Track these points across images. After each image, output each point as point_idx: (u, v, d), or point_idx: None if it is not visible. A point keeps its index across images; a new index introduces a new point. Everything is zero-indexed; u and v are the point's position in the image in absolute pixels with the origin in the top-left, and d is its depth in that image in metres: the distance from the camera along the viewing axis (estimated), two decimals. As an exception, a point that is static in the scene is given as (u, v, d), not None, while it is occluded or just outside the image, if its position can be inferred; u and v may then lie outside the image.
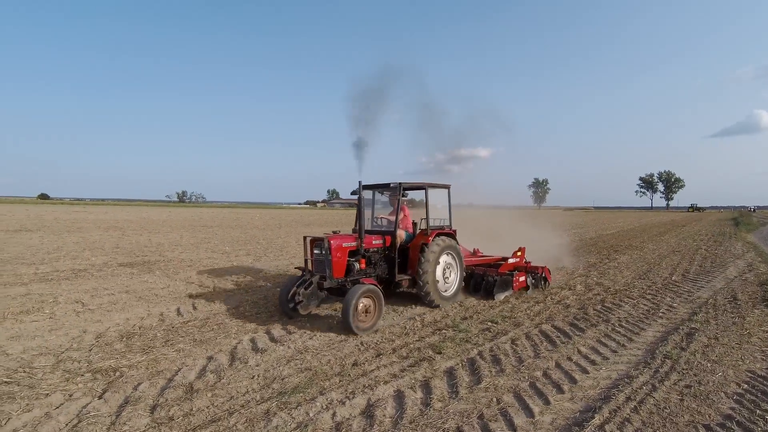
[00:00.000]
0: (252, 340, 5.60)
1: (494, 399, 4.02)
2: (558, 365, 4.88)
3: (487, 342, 5.65)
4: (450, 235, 7.89)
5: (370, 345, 5.48)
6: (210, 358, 4.95)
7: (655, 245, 18.63)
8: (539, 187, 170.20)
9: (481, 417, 3.69)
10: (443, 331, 6.11)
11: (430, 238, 7.32)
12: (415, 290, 7.48)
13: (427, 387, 4.29)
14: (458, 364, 4.88)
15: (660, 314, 7.13)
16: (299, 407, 3.78)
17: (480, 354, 5.21)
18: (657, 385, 4.31)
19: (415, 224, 7.96)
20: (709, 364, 4.88)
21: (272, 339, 5.68)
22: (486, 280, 8.39)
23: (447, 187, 8.22)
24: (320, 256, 6.63)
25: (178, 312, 6.96)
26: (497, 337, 5.84)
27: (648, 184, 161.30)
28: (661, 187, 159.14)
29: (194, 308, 7.22)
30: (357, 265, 6.74)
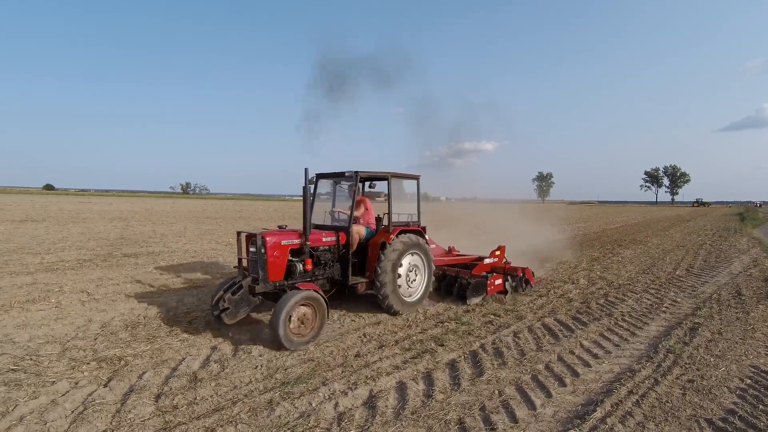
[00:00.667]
0: (255, 330, 5.64)
1: (496, 391, 4.04)
2: (560, 358, 4.89)
3: (490, 335, 5.66)
4: (417, 233, 6.95)
5: (372, 337, 5.50)
6: (214, 348, 4.99)
7: (659, 240, 18.54)
8: (543, 180, 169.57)
9: (482, 409, 3.71)
10: (445, 323, 6.12)
11: (392, 236, 6.39)
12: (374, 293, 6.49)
13: (429, 379, 4.31)
14: (460, 356, 4.90)
15: (663, 309, 7.11)
16: (302, 397, 3.81)
17: (482, 347, 5.22)
18: (659, 379, 4.31)
19: (379, 219, 7.03)
20: (712, 359, 4.87)
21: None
22: (459, 282, 7.51)
23: (416, 177, 7.31)
24: (255, 256, 5.61)
25: (182, 302, 7.00)
26: (499, 330, 5.85)
27: (653, 178, 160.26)
28: (666, 181, 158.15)
29: (198, 298, 7.26)
30: (300, 267, 5.74)
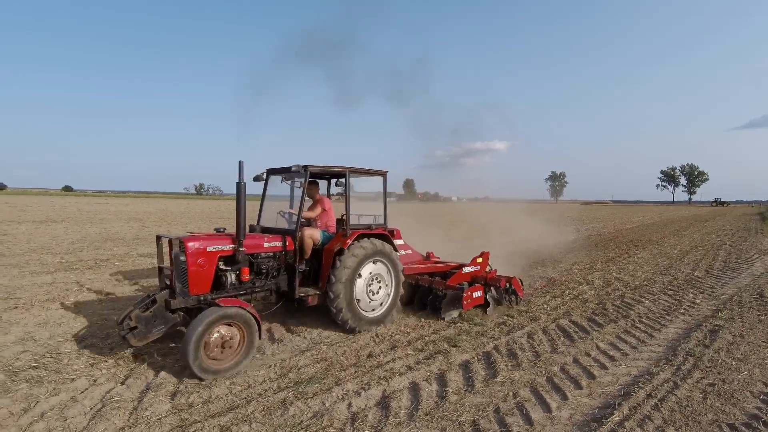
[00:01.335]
0: (268, 330, 5.67)
1: (510, 393, 3.99)
2: (576, 360, 4.82)
3: (503, 336, 5.60)
4: (383, 237, 6.05)
5: (385, 337, 5.49)
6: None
7: (676, 240, 18.16)
8: (556, 180, 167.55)
9: (497, 411, 3.67)
10: (458, 324, 6.08)
11: (349, 241, 5.55)
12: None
13: (442, 380, 4.28)
14: (474, 357, 4.86)
15: (682, 311, 6.95)
16: (315, 397, 3.82)
17: (496, 348, 5.17)
18: (679, 382, 4.21)
19: (342, 221, 6.20)
20: (734, 362, 4.74)
21: (288, 330, 5.75)
22: (434, 294, 6.68)
23: (382, 174, 6.35)
24: (179, 264, 4.71)
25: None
26: (513, 332, 5.78)
27: (670, 177, 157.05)
28: (683, 180, 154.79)
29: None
30: (231, 277, 4.91)
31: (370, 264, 5.82)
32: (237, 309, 4.39)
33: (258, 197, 6.29)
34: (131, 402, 3.70)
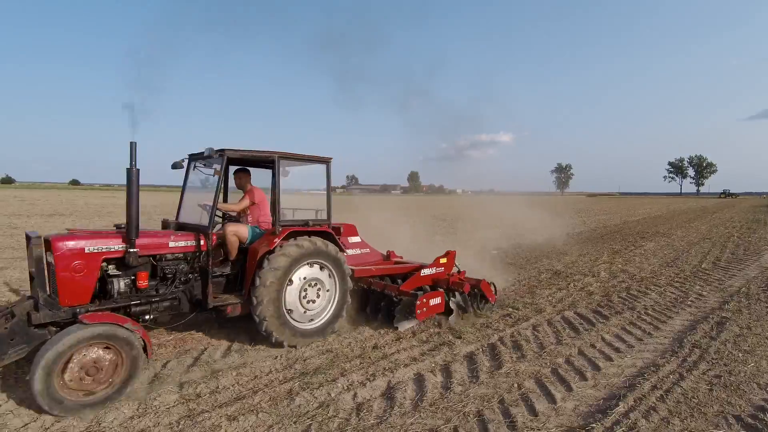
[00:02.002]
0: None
1: (515, 384, 4.00)
2: (581, 352, 4.81)
3: (508, 328, 5.61)
4: (325, 236, 5.24)
5: (390, 329, 5.52)
6: (234, 338, 5.08)
7: (684, 232, 18.01)
8: (562, 172, 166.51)
9: (501, 402, 3.69)
10: (464, 316, 6.09)
11: (277, 240, 4.75)
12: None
13: (447, 371, 4.30)
14: (478, 349, 4.87)
15: (688, 303, 6.91)
16: (321, 388, 3.86)
17: (501, 339, 5.18)
18: (685, 374, 4.20)
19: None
20: (740, 354, 4.72)
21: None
22: (387, 300, 5.77)
23: (325, 161, 5.49)
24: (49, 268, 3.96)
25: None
26: (518, 323, 5.79)
27: (677, 169, 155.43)
28: (691, 172, 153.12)
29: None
30: (119, 284, 4.08)
31: (305, 267, 4.97)
32: (109, 327, 3.52)
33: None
34: (140, 392, 3.75)
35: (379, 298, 5.90)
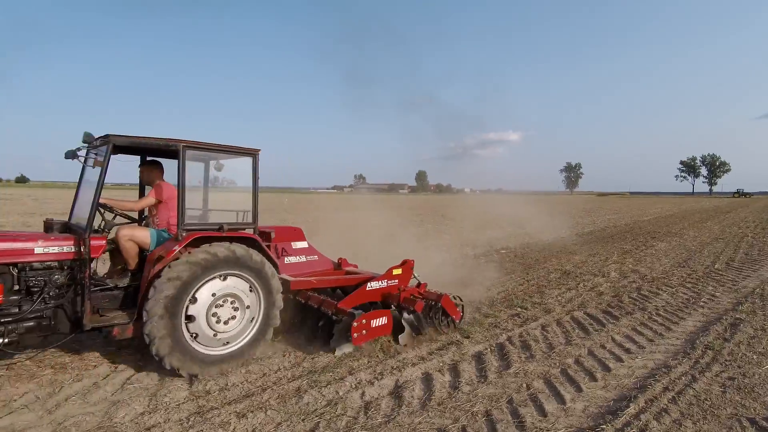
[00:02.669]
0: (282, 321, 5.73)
1: (524, 384, 3.98)
2: (591, 353, 4.77)
3: (517, 327, 5.57)
4: (247, 242, 4.43)
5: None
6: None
7: (696, 232, 17.74)
8: (571, 171, 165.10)
9: (510, 402, 3.67)
10: (471, 315, 6.06)
11: (177, 248, 3.97)
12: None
13: (455, 370, 4.29)
14: (487, 348, 4.85)
15: (701, 303, 6.81)
16: (329, 386, 3.87)
17: (509, 339, 5.15)
18: (697, 376, 4.14)
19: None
20: (755, 356, 4.63)
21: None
22: (326, 318, 4.91)
23: (251, 153, 4.71)
24: None
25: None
26: (527, 323, 5.75)
27: (690, 168, 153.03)
28: (704, 171, 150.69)
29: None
30: None
31: (216, 281, 4.13)
32: None
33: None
34: (150, 388, 3.80)
35: (319, 315, 5.03)
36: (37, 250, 3.72)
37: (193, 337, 4.02)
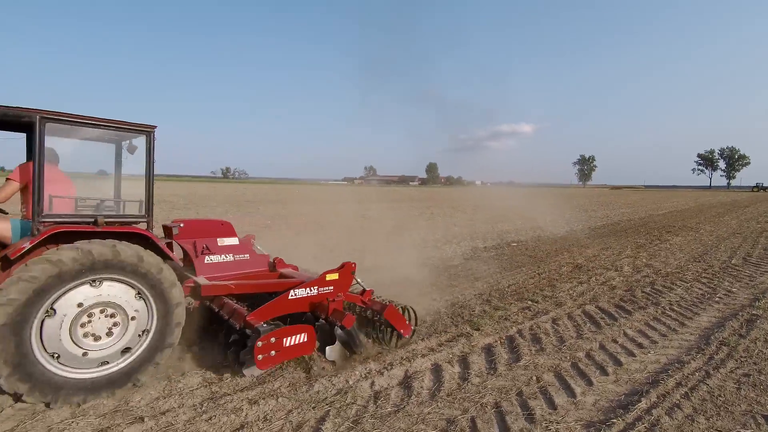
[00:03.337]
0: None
1: (534, 377, 3.97)
2: (602, 347, 4.73)
3: (527, 320, 5.55)
4: (137, 238, 3.68)
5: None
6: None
7: (712, 226, 17.37)
8: (585, 164, 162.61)
9: (520, 394, 3.67)
10: (482, 305, 6.05)
11: (27, 245, 3.29)
12: None
13: (464, 362, 4.30)
14: (497, 341, 4.84)
15: (716, 299, 6.69)
16: (339, 375, 3.91)
17: (519, 332, 5.13)
18: (711, 372, 4.08)
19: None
20: (771, 353, 4.55)
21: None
22: (237, 332, 3.97)
23: (144, 130, 3.89)
24: None
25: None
26: (537, 316, 5.72)
27: (707, 161, 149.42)
28: (722, 164, 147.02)
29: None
30: None
31: (86, 287, 3.32)
32: None
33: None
34: (165, 373, 3.88)
35: (230, 328, 4.08)
36: None
37: (54, 357, 3.22)
